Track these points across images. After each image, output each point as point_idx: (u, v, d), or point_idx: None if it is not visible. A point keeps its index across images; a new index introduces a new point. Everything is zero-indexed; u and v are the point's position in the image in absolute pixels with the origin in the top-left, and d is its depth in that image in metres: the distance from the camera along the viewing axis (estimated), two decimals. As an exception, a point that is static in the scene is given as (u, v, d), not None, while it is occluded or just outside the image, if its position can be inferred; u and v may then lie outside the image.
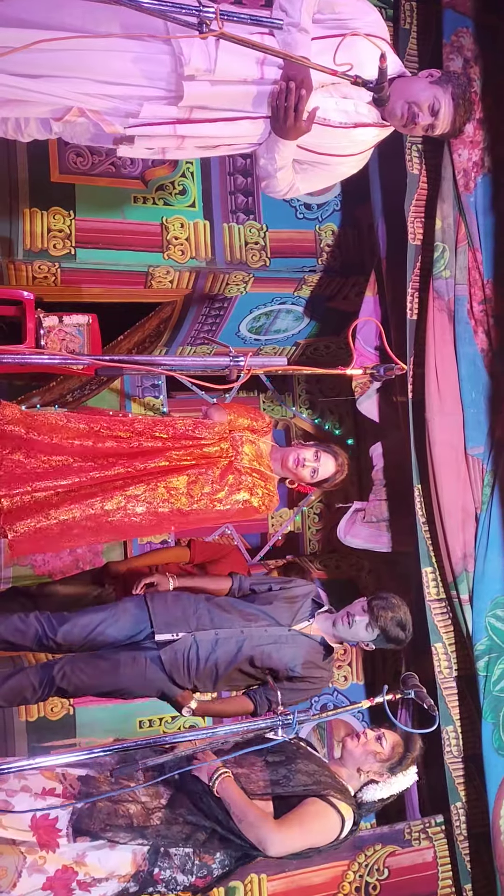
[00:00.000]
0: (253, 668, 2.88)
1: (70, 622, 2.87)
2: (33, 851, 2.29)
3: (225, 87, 2.31)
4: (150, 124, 2.32)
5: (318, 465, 3.05)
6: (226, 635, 2.87)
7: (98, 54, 2.22)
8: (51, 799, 2.36)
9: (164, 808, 2.44)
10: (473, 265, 3.67)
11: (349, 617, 2.89)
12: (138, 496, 2.75)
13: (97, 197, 3.61)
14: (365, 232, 4.11)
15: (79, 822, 2.34)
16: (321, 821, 2.46)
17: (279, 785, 2.49)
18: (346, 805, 2.50)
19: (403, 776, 2.65)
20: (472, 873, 3.64)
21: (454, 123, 2.53)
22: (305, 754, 2.62)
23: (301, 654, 2.90)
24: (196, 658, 2.83)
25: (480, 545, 3.62)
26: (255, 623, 2.91)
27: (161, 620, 2.88)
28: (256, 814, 2.39)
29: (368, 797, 2.64)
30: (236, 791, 2.43)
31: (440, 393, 3.62)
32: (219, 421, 3.00)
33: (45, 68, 2.21)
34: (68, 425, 2.77)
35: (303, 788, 2.48)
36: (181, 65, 2.23)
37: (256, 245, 3.90)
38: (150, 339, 4.19)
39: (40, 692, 2.84)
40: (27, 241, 3.46)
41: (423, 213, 3.65)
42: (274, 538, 4.60)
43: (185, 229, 3.76)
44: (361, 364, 3.21)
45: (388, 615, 2.83)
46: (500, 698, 3.56)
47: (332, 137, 2.50)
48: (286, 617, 2.96)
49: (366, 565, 4.49)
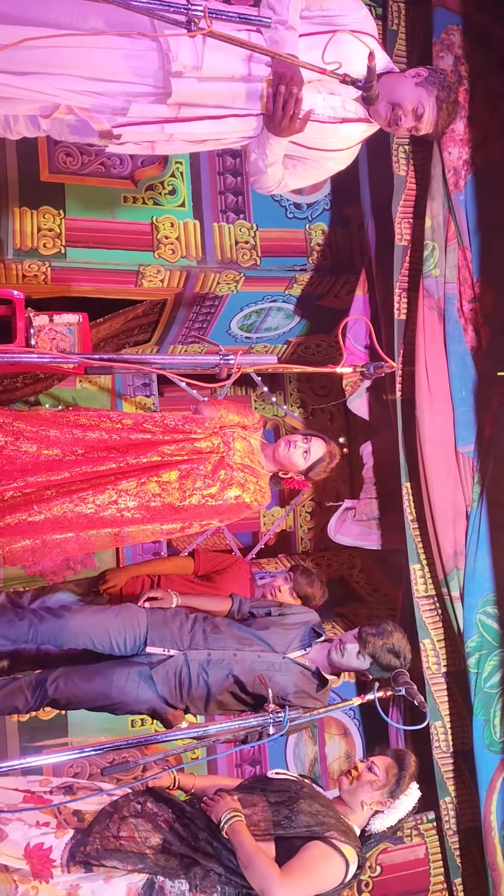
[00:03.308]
0: (244, 694, 2.86)
1: (68, 614, 2.88)
2: (26, 881, 2.27)
3: (212, 84, 2.31)
4: (138, 123, 2.32)
5: (309, 445, 3.06)
6: (218, 657, 2.84)
7: (85, 51, 2.22)
8: (44, 829, 2.34)
9: (161, 842, 2.40)
10: (463, 263, 3.68)
11: (341, 645, 2.87)
12: (129, 490, 2.75)
13: (87, 196, 3.61)
14: (355, 231, 4.12)
15: (73, 853, 2.31)
16: (325, 867, 2.40)
17: (281, 826, 2.43)
18: (349, 848, 2.44)
19: (406, 797, 2.61)
20: (463, 869, 3.65)
21: (437, 126, 2.56)
22: (309, 793, 2.57)
23: (293, 681, 2.87)
24: (188, 678, 2.81)
25: (471, 543, 3.63)
26: (248, 647, 2.89)
27: (155, 634, 2.87)
28: (264, 862, 2.32)
29: (377, 828, 2.60)
30: (246, 836, 2.36)
31: (430, 391, 3.63)
32: (209, 416, 3.00)
33: (33, 65, 2.20)
34: (56, 419, 2.78)
35: (305, 830, 2.42)
36: (169, 61, 2.23)
37: (247, 244, 3.90)
38: (128, 332, 4.18)
39: (32, 703, 2.84)
40: (17, 241, 3.46)
41: (410, 213, 3.66)
42: (266, 536, 4.61)
43: (175, 229, 3.77)
44: (352, 362, 3.22)
45: (377, 642, 2.80)
46: (491, 695, 3.58)
47: (319, 132, 2.51)
48: (282, 644, 2.93)
49: (357, 563, 4.50)
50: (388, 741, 3.84)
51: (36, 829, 2.33)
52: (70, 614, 2.90)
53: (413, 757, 2.70)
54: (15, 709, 2.87)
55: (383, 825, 2.60)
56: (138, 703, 2.84)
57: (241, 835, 2.36)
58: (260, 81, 2.34)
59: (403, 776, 2.61)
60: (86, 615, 2.90)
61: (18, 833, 2.30)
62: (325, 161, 2.67)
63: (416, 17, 3.65)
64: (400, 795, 2.60)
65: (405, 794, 2.61)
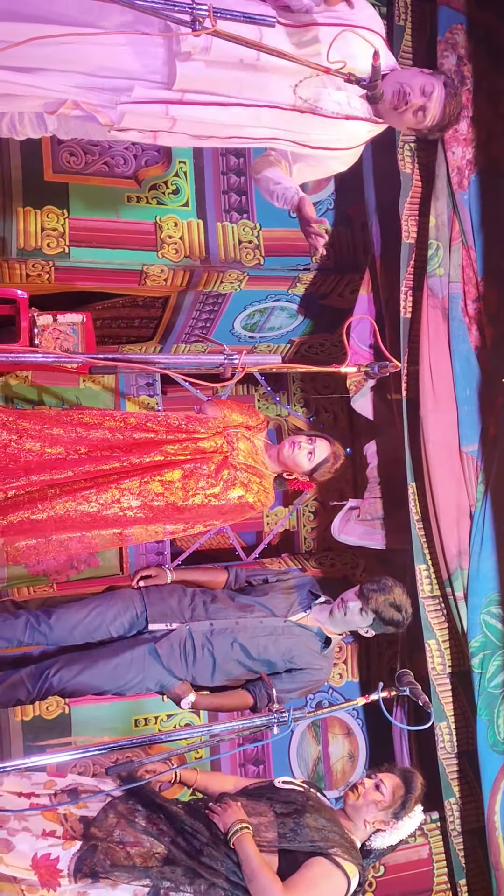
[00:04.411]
0: (250, 661, 2.88)
1: (62, 607, 2.88)
2: (34, 890, 2.29)
3: (219, 70, 2.30)
4: (141, 102, 2.30)
5: (314, 446, 3.06)
6: (221, 626, 2.87)
7: (91, 47, 2.22)
8: (51, 840, 2.35)
9: (166, 853, 2.41)
10: (468, 263, 3.68)
11: (343, 604, 2.91)
12: (132, 489, 2.75)
13: (91, 196, 3.61)
14: (358, 230, 4.11)
15: (80, 863, 2.32)
16: (327, 885, 2.42)
17: (286, 839, 2.45)
18: (352, 865, 2.46)
19: (410, 818, 2.62)
20: (467, 869, 3.65)
21: (445, 111, 2.52)
22: (315, 806, 2.57)
23: (298, 644, 2.91)
24: (192, 649, 2.84)
25: (475, 542, 3.62)
26: (250, 614, 2.92)
27: (155, 610, 2.89)
28: (268, 877, 2.35)
29: (377, 845, 2.61)
30: (252, 849, 2.39)
31: (434, 390, 3.62)
32: (212, 416, 3.00)
33: (38, 61, 2.20)
34: (60, 417, 2.79)
35: (310, 845, 2.44)
36: (177, 43, 2.22)
37: (250, 244, 3.90)
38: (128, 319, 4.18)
39: (35, 693, 2.84)
40: (21, 240, 3.46)
41: (417, 211, 3.65)
42: (269, 536, 4.60)
43: (178, 228, 3.76)
44: (356, 362, 3.21)
45: (380, 598, 2.84)
46: (495, 695, 3.57)
47: (322, 127, 2.50)
48: (282, 608, 2.97)
49: (361, 563, 4.49)
50: (392, 743, 3.85)
51: (43, 840, 2.34)
52: (64, 611, 2.90)
53: (421, 779, 2.70)
54: (18, 700, 2.88)
55: (383, 843, 2.61)
56: (146, 680, 2.85)
57: (248, 847, 2.39)
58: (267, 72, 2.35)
59: (409, 799, 2.61)
60: (80, 611, 2.91)
61: (26, 844, 2.32)
62: (328, 160, 2.67)
63: (422, 13, 3.65)
64: (404, 817, 2.60)
65: (409, 817, 2.61)
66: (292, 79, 2.40)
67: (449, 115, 2.55)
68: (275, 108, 2.41)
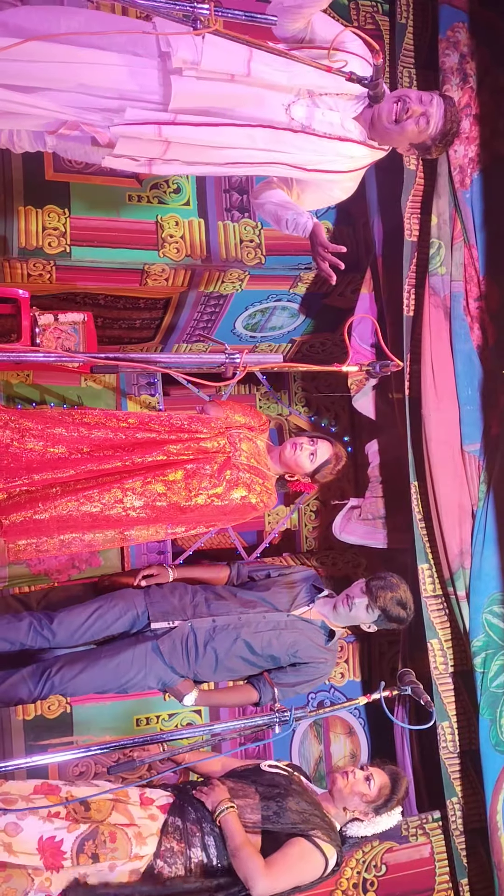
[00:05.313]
0: (254, 656, 2.88)
1: (64, 611, 2.88)
2: (40, 873, 2.37)
3: (211, 85, 2.30)
4: (134, 124, 2.31)
5: (316, 447, 3.06)
6: (223, 622, 2.87)
7: (91, 67, 2.23)
8: (57, 822, 2.43)
9: (161, 834, 2.52)
10: (469, 262, 3.68)
11: (349, 599, 2.92)
12: (135, 489, 2.75)
13: (92, 195, 3.60)
14: (360, 229, 4.10)
15: (82, 846, 2.41)
16: (306, 863, 2.57)
17: (269, 821, 2.59)
18: (330, 847, 2.61)
19: (388, 817, 2.75)
20: (469, 869, 3.65)
21: (447, 115, 2.52)
22: (298, 790, 2.70)
23: (302, 638, 2.91)
24: (195, 646, 2.84)
25: (477, 542, 3.62)
26: (253, 609, 2.92)
27: (157, 610, 2.89)
28: (249, 853, 2.50)
29: (352, 833, 2.74)
30: (237, 827, 2.54)
31: (436, 390, 3.62)
32: (215, 416, 3.00)
33: (39, 80, 2.20)
34: (62, 417, 2.78)
35: (291, 826, 2.59)
36: (169, 58, 2.22)
37: (252, 243, 3.89)
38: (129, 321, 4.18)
39: (37, 692, 2.84)
40: (22, 240, 3.45)
41: (419, 209, 3.65)
42: (271, 535, 4.60)
43: (179, 227, 3.76)
44: (357, 361, 3.21)
45: (387, 595, 2.86)
46: (497, 694, 3.57)
47: (315, 148, 2.50)
48: (285, 602, 2.97)
49: (362, 562, 4.49)
50: (394, 742, 3.85)
51: (49, 823, 2.41)
52: (66, 615, 2.90)
53: (407, 782, 2.84)
54: (19, 700, 2.88)
55: (358, 833, 2.74)
56: (148, 677, 2.86)
57: (233, 825, 2.53)
58: (260, 87, 2.34)
59: (392, 799, 2.75)
60: (81, 614, 2.91)
61: (34, 828, 2.38)
62: (330, 186, 2.70)
63: (424, 11, 3.65)
64: (383, 814, 2.74)
65: (388, 815, 2.75)
66: (284, 98, 2.41)
67: (451, 121, 2.55)
68: (268, 127, 2.41)
